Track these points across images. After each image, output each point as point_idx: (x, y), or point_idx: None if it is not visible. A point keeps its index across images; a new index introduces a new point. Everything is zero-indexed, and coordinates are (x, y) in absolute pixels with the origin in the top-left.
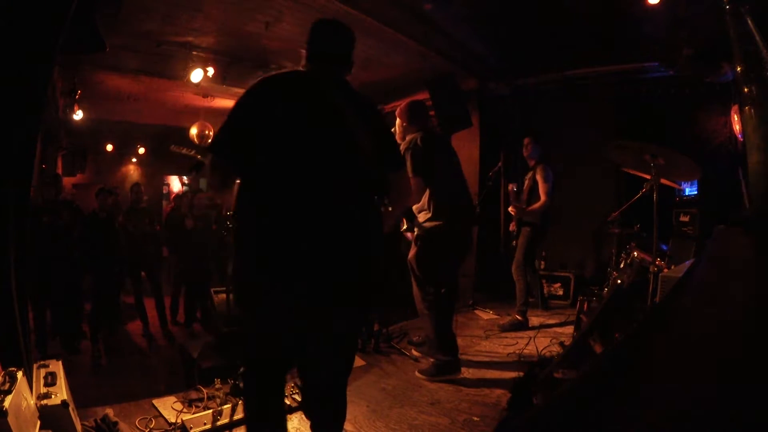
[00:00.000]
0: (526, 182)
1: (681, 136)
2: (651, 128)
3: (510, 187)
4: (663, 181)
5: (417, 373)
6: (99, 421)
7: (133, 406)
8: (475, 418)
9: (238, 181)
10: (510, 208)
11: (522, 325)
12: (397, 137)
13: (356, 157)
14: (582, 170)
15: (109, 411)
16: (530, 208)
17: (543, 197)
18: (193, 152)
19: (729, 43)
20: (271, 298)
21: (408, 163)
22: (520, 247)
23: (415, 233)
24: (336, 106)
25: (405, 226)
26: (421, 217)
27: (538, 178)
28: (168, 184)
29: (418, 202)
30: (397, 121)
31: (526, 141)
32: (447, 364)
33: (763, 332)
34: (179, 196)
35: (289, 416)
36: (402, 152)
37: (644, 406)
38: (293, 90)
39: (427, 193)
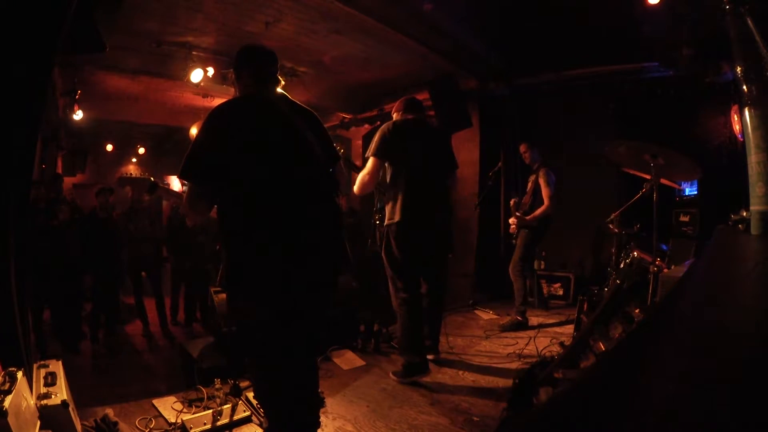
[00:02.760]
0: (529, 185)
1: (681, 136)
2: (651, 128)
3: (512, 201)
4: (663, 181)
5: (390, 375)
6: (99, 421)
7: (133, 406)
8: (475, 418)
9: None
10: (510, 220)
11: (522, 325)
12: None
13: (317, 161)
14: (582, 170)
15: (109, 411)
16: (532, 215)
17: (546, 202)
18: (146, 174)
19: (729, 43)
20: (281, 295)
21: (372, 144)
22: (518, 248)
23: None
24: (291, 120)
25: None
26: (387, 210)
27: (541, 182)
28: (168, 184)
29: (373, 183)
30: (393, 115)
31: (522, 149)
32: (415, 366)
33: (764, 333)
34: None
35: None
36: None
37: (644, 407)
38: (254, 112)
39: (391, 183)
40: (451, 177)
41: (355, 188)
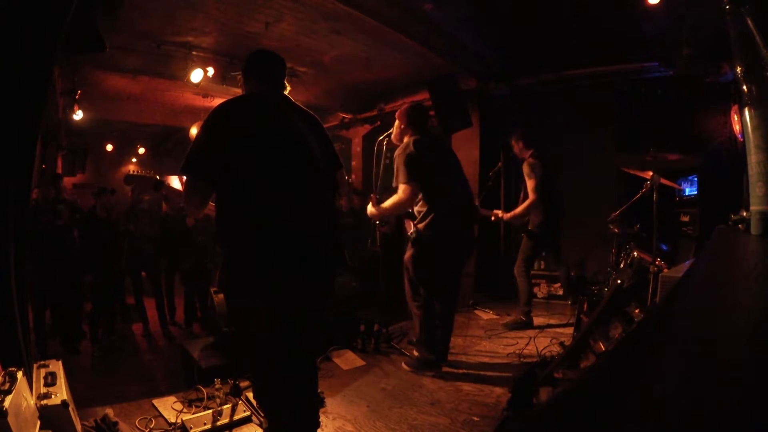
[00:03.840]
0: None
1: (681, 136)
2: (651, 128)
3: (492, 219)
4: (663, 181)
5: (403, 365)
6: (99, 421)
7: (133, 406)
8: (475, 418)
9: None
10: (498, 218)
11: (527, 325)
12: (394, 138)
13: (315, 163)
14: (582, 170)
15: (109, 411)
16: (513, 211)
17: (531, 195)
18: (151, 172)
19: (729, 43)
20: (274, 289)
21: (402, 171)
22: (522, 248)
23: (412, 236)
24: (291, 121)
25: (412, 228)
26: (417, 220)
27: (524, 175)
28: (168, 184)
29: (410, 207)
30: (396, 122)
31: (512, 142)
32: (429, 362)
33: (763, 333)
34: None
35: None
36: (396, 158)
37: (644, 407)
38: (254, 111)
39: (424, 197)
40: None
41: (389, 212)
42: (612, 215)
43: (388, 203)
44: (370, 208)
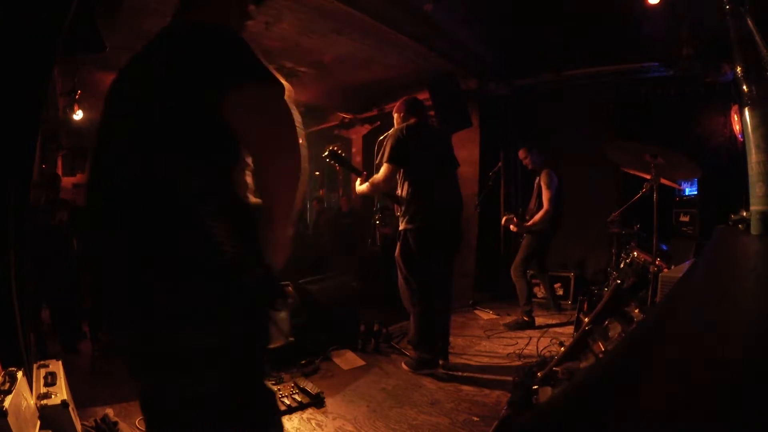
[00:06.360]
0: (535, 188)
1: (681, 136)
2: (651, 128)
3: (503, 219)
4: (663, 181)
5: (402, 365)
6: (99, 421)
7: (133, 406)
8: (475, 418)
9: None
10: (511, 227)
11: (528, 325)
12: None
13: (138, 138)
14: (582, 170)
15: (109, 411)
16: (531, 221)
17: (545, 205)
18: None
19: (729, 43)
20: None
21: (386, 151)
22: (522, 250)
23: (399, 228)
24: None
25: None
26: (404, 212)
27: (542, 184)
28: None
29: (385, 188)
30: (395, 116)
31: (521, 155)
32: (425, 361)
33: (764, 333)
34: None
35: (289, 416)
36: (387, 137)
37: (644, 407)
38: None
39: (409, 187)
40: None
41: (367, 190)
42: (612, 215)
43: (369, 181)
44: (357, 186)
